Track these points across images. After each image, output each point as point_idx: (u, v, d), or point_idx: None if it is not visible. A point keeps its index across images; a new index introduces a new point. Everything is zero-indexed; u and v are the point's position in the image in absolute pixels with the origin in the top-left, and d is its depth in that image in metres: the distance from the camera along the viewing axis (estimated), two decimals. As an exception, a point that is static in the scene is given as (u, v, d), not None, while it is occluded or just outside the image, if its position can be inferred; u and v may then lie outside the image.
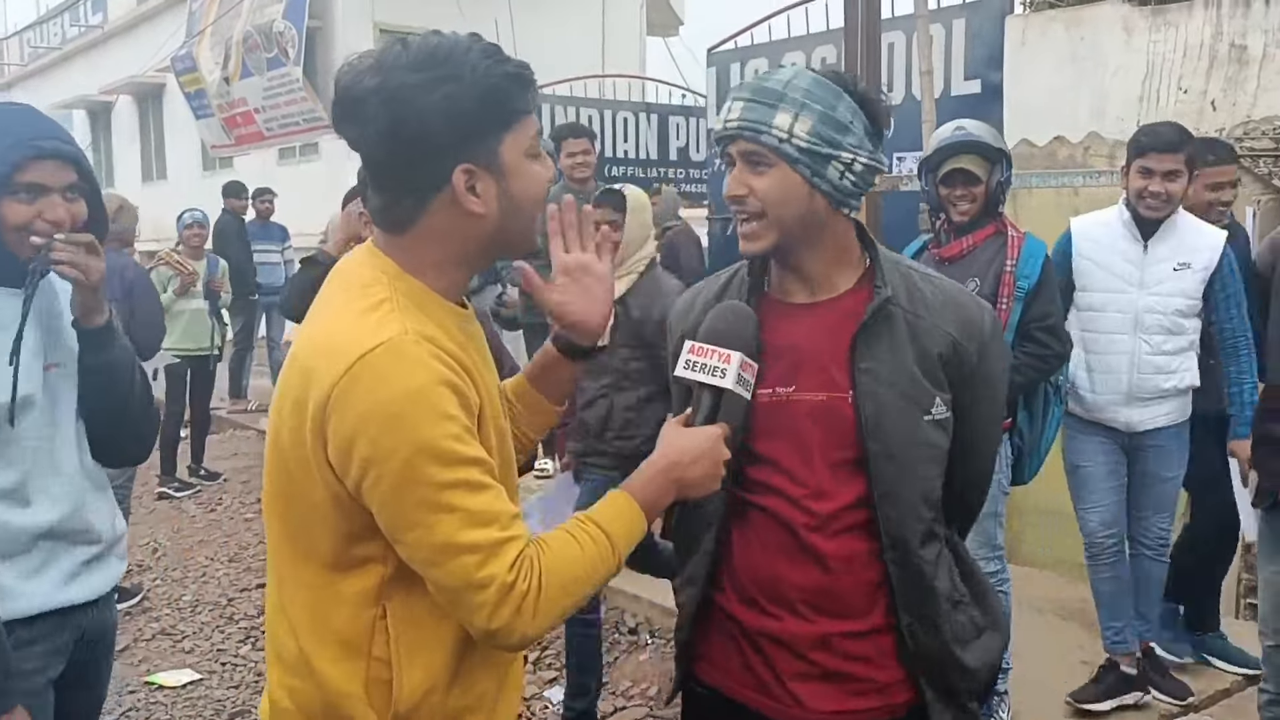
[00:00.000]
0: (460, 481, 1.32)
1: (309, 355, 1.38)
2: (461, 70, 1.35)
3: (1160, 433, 3.55)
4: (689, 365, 1.59)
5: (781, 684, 1.71)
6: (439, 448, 1.31)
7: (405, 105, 1.34)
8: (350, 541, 1.40)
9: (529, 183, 1.44)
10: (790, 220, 1.63)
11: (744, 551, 1.72)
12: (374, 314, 1.36)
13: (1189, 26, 4.75)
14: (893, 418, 1.63)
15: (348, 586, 1.41)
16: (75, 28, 21.80)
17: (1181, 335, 3.49)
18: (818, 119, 1.59)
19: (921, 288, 1.70)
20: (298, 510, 1.42)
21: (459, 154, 1.37)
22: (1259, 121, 4.55)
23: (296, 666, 1.45)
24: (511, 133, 1.40)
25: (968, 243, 3.33)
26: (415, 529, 1.33)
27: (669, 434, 1.57)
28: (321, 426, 1.34)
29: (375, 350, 1.31)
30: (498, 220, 1.42)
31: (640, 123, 9.41)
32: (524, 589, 1.34)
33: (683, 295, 1.90)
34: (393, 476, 1.31)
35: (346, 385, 1.31)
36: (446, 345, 1.37)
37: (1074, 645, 4.06)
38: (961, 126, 3.37)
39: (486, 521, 1.33)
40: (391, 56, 1.37)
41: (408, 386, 1.30)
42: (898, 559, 1.65)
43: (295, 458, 1.38)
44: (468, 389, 1.37)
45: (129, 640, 5.05)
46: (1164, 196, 3.39)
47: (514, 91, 1.40)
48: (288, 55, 13.07)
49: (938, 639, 1.68)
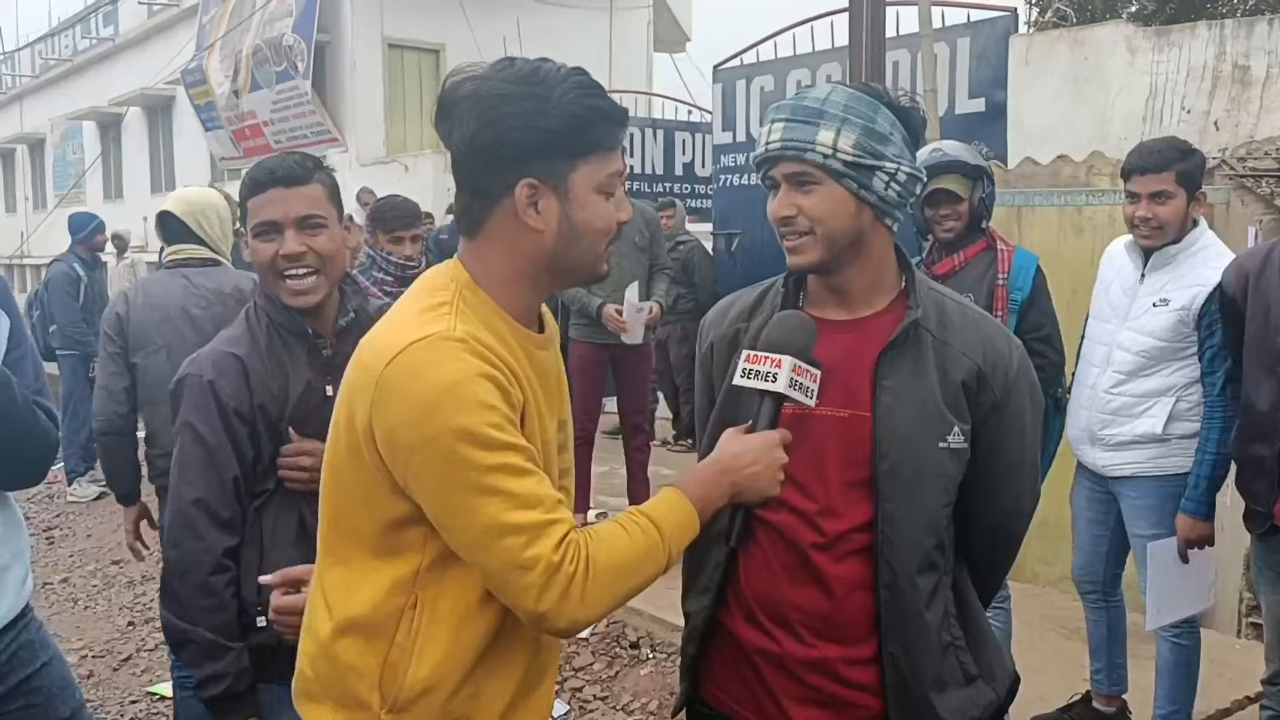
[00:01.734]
0: (502, 465, 1.35)
1: (364, 348, 1.45)
2: (551, 92, 1.41)
3: (1130, 483, 3.26)
4: (746, 374, 1.60)
5: (778, 705, 1.70)
6: (479, 434, 1.34)
7: (489, 111, 1.41)
8: (392, 529, 1.44)
9: (595, 215, 1.47)
10: (838, 234, 1.63)
11: (750, 568, 1.72)
12: (429, 313, 1.42)
13: (1192, 47, 4.78)
14: (907, 440, 1.62)
15: (385, 572, 1.46)
16: (86, 40, 21.94)
17: (1147, 378, 3.18)
18: (860, 132, 1.60)
19: (952, 315, 1.69)
20: (347, 495, 1.47)
21: (527, 167, 1.42)
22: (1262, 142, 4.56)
23: (322, 638, 1.51)
24: (587, 163, 1.45)
25: (959, 259, 3.36)
26: (460, 513, 1.36)
27: (726, 438, 1.59)
28: (369, 417, 1.39)
29: (417, 343, 1.37)
30: (555, 241, 1.46)
31: (647, 138, 9.46)
32: (571, 571, 1.36)
33: (718, 304, 1.90)
34: (436, 463, 1.35)
35: (389, 376, 1.36)
36: (495, 349, 1.41)
37: (1075, 664, 4.05)
38: (938, 148, 3.39)
39: (531, 504, 1.36)
40: (495, 69, 1.45)
41: (446, 378, 1.34)
42: (890, 583, 1.63)
43: (348, 445, 1.44)
44: (511, 387, 1.40)
45: (132, 650, 5.06)
46: (1153, 222, 3.10)
47: (598, 125, 1.45)
48: (297, 69, 13.17)
49: (916, 675, 1.65)
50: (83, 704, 2.23)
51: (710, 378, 1.81)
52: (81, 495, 7.94)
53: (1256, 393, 2.80)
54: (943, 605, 1.68)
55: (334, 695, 1.51)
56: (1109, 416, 3.25)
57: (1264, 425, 2.77)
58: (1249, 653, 3.88)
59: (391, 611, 1.45)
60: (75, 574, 6.34)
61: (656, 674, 4.29)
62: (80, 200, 19.76)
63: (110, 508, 7.72)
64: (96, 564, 6.48)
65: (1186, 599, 3.23)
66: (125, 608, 5.68)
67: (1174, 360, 3.15)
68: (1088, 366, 3.36)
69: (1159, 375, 3.18)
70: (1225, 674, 4.01)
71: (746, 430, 1.59)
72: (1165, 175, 3.08)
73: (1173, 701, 3.31)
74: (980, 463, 1.68)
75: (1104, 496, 3.38)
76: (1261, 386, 2.78)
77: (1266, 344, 2.77)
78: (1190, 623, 3.31)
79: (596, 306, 5.35)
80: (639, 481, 5.55)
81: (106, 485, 6.22)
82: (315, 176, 2.04)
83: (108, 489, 7.98)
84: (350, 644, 1.48)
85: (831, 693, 1.67)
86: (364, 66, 14.02)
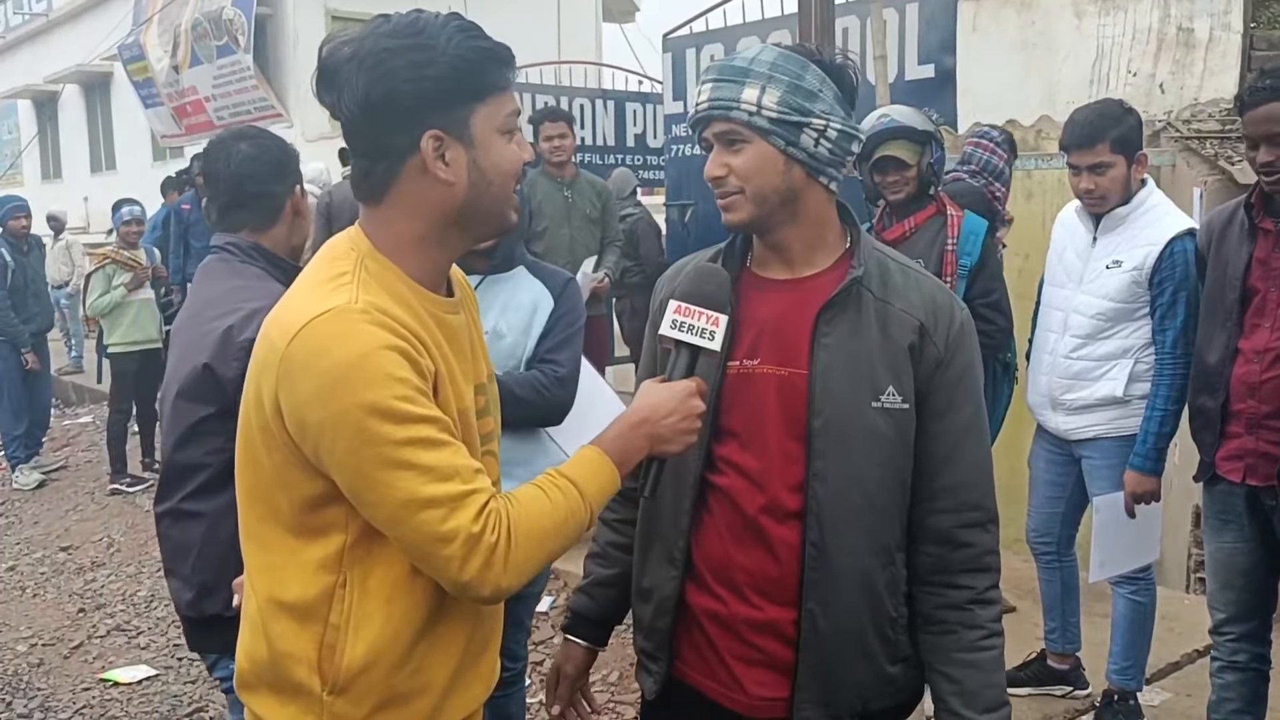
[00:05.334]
0: (415, 439, 1.33)
1: (268, 324, 1.40)
2: (436, 40, 1.38)
3: (1092, 444, 3.27)
4: (676, 325, 1.59)
5: (727, 669, 1.70)
6: (388, 408, 1.31)
7: (376, 68, 1.36)
8: (311, 507, 1.41)
9: (500, 157, 1.44)
10: (768, 191, 1.62)
11: (699, 533, 1.71)
12: (328, 285, 1.38)
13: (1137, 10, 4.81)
14: (839, 396, 1.61)
15: (310, 553, 1.42)
16: (19, 16, 21.33)
17: (1105, 340, 3.19)
18: (785, 89, 1.59)
19: (894, 275, 1.68)
20: (263, 476, 1.44)
21: (428, 119, 1.38)
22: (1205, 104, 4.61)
23: (254, 627, 1.48)
24: (485, 105, 1.41)
25: (910, 224, 3.38)
26: (375, 489, 1.34)
27: (644, 390, 1.58)
28: (275, 395, 1.36)
29: (318, 319, 1.33)
30: (466, 191, 1.43)
31: (597, 109, 9.36)
32: (492, 541, 1.35)
33: (673, 265, 1.87)
34: (346, 440, 1.32)
35: (291, 353, 1.33)
36: (401, 318, 1.37)
37: (1029, 623, 4.11)
38: (886, 114, 3.41)
39: (447, 476, 1.34)
40: (371, 27, 1.40)
41: (350, 352, 1.31)
42: (817, 541, 1.61)
43: (258, 424, 1.41)
44: (420, 356, 1.37)
45: (83, 637, 4.98)
46: (1096, 193, 3.11)
47: (488, 66, 1.41)
48: (238, 43, 12.88)
49: (833, 636, 1.63)
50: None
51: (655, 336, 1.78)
52: (24, 483, 7.77)
53: (1208, 346, 2.86)
54: (888, 577, 1.66)
55: (269, 682, 1.48)
56: (1069, 381, 3.27)
57: (1212, 378, 2.83)
58: (1198, 607, 3.96)
59: (322, 592, 1.42)
60: (22, 561, 6.21)
61: (617, 645, 4.28)
62: (17, 182, 19.26)
63: (57, 495, 7.58)
64: (44, 551, 6.35)
65: (1131, 553, 3.27)
66: (75, 594, 5.58)
67: (1130, 321, 3.17)
68: (1045, 333, 3.37)
69: (1117, 338, 3.19)
70: (1175, 628, 4.09)
71: (663, 380, 1.58)
72: (1100, 147, 3.07)
73: (1127, 657, 3.37)
74: (935, 424, 1.65)
75: (1064, 459, 3.41)
76: (1213, 341, 2.84)
77: (1221, 299, 2.82)
78: (1147, 579, 3.35)
79: None
80: None
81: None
82: None
83: (49, 477, 7.86)
84: (284, 629, 1.44)
85: (773, 653, 1.67)
86: (307, 39, 13.75)
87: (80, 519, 6.92)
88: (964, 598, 1.68)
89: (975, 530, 1.69)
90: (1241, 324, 2.78)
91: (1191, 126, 4.56)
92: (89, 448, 8.75)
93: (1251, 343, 2.76)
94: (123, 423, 7.42)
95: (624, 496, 1.81)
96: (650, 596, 1.77)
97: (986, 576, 1.70)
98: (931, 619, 1.69)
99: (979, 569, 1.69)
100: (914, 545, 1.70)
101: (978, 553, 1.69)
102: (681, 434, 1.54)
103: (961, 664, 1.67)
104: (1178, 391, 3.05)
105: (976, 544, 1.69)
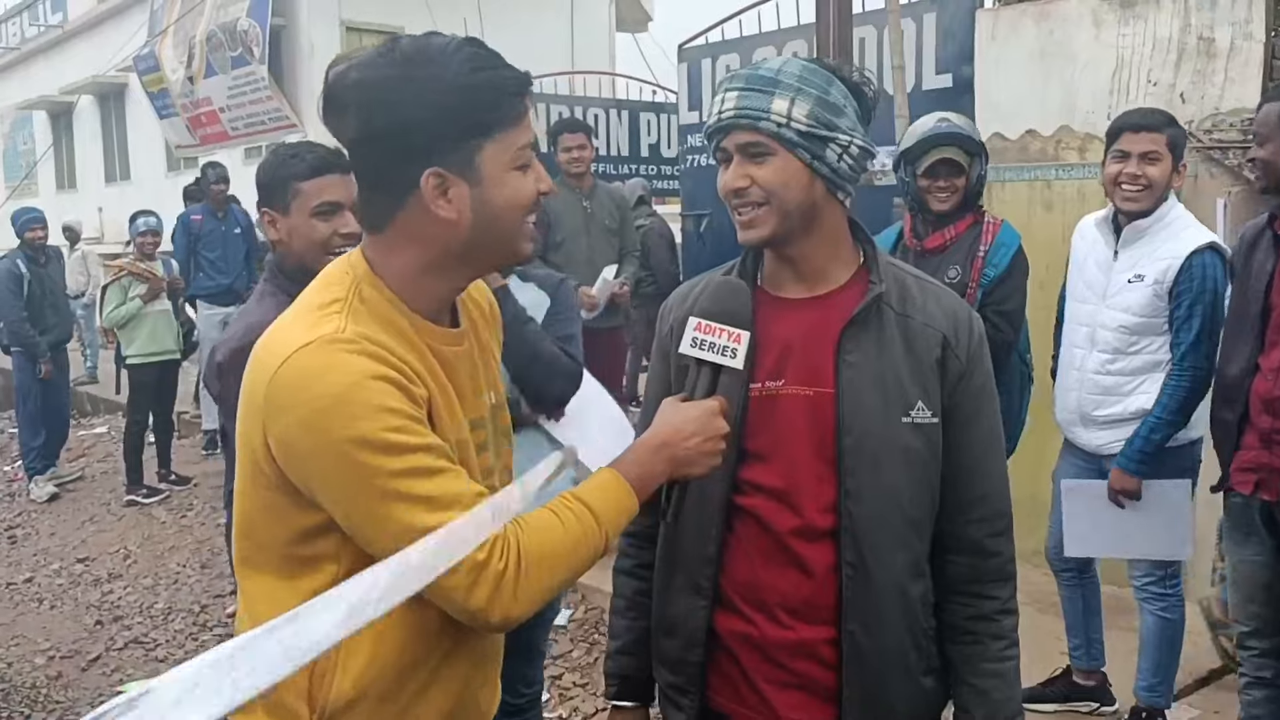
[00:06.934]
0: (410, 469, 1.29)
1: (259, 349, 1.36)
2: (443, 71, 1.32)
3: None
4: (696, 344, 1.56)
5: (756, 692, 1.67)
6: (378, 440, 1.27)
7: (379, 99, 1.32)
8: (305, 538, 1.38)
9: (512, 193, 1.39)
10: (792, 206, 1.59)
11: (727, 555, 1.68)
12: (318, 312, 1.35)
13: (1157, 19, 4.77)
14: (870, 415, 1.59)
15: (303, 583, 1.39)
16: (35, 27, 21.47)
17: (1134, 355, 3.16)
18: (815, 103, 1.57)
19: (912, 289, 1.67)
20: (255, 507, 1.41)
21: (431, 156, 1.33)
22: (1227, 114, 4.57)
23: None
24: (492, 142, 1.35)
25: (949, 234, 3.32)
26: (371, 522, 1.30)
27: (664, 410, 1.54)
28: (263, 427, 1.32)
29: (301, 350, 1.29)
30: (469, 229, 1.37)
31: (611, 119, 9.38)
32: (500, 567, 1.31)
33: (680, 286, 1.84)
34: (337, 473, 1.28)
35: (277, 384, 1.29)
36: (392, 346, 1.33)
37: (1052, 637, 4.07)
38: (945, 119, 3.32)
39: (447, 505, 1.30)
40: (380, 52, 1.35)
41: (336, 384, 1.27)
42: (854, 560, 1.59)
43: (248, 457, 1.37)
44: (414, 385, 1.33)
45: (100, 649, 4.97)
46: (1143, 180, 3.03)
47: (498, 100, 1.35)
48: (252, 54, 12.94)
49: (878, 655, 1.61)
50: None
51: (668, 358, 1.75)
52: (38, 495, 7.78)
53: (1230, 359, 2.84)
54: (921, 589, 1.65)
55: (264, 705, 1.44)
56: (1099, 397, 3.24)
57: (1233, 390, 2.81)
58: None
59: None
60: (40, 573, 6.22)
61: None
62: (32, 192, 19.36)
63: (73, 506, 7.59)
64: (61, 562, 6.36)
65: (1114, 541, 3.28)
66: (92, 606, 5.58)
67: (1156, 336, 3.15)
68: (1071, 348, 3.34)
69: (1145, 353, 3.17)
70: (1200, 644, 4.05)
71: (684, 399, 1.55)
72: (1158, 136, 3.06)
73: (1155, 674, 3.33)
74: (962, 435, 1.65)
75: (1092, 473, 3.37)
76: (1236, 354, 2.81)
77: (1245, 312, 2.79)
78: (1176, 595, 3.32)
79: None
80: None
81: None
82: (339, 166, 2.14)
83: (64, 488, 7.87)
84: None
85: (810, 676, 1.64)
86: (321, 50, 13.78)
87: (97, 530, 6.94)
88: (993, 608, 1.69)
89: (1001, 539, 1.70)
90: (1262, 339, 2.75)
91: (1213, 136, 4.53)
92: (104, 458, 8.77)
93: (1269, 360, 2.73)
94: (139, 434, 7.44)
95: (643, 538, 1.79)
96: (676, 630, 1.73)
97: (1009, 586, 1.71)
98: (961, 630, 1.69)
99: (1004, 578, 1.70)
100: (944, 555, 1.68)
101: (1003, 561, 1.70)
102: (705, 456, 1.51)
103: (988, 674, 1.68)
104: (1179, 404, 3.04)
105: (1003, 552, 1.70)
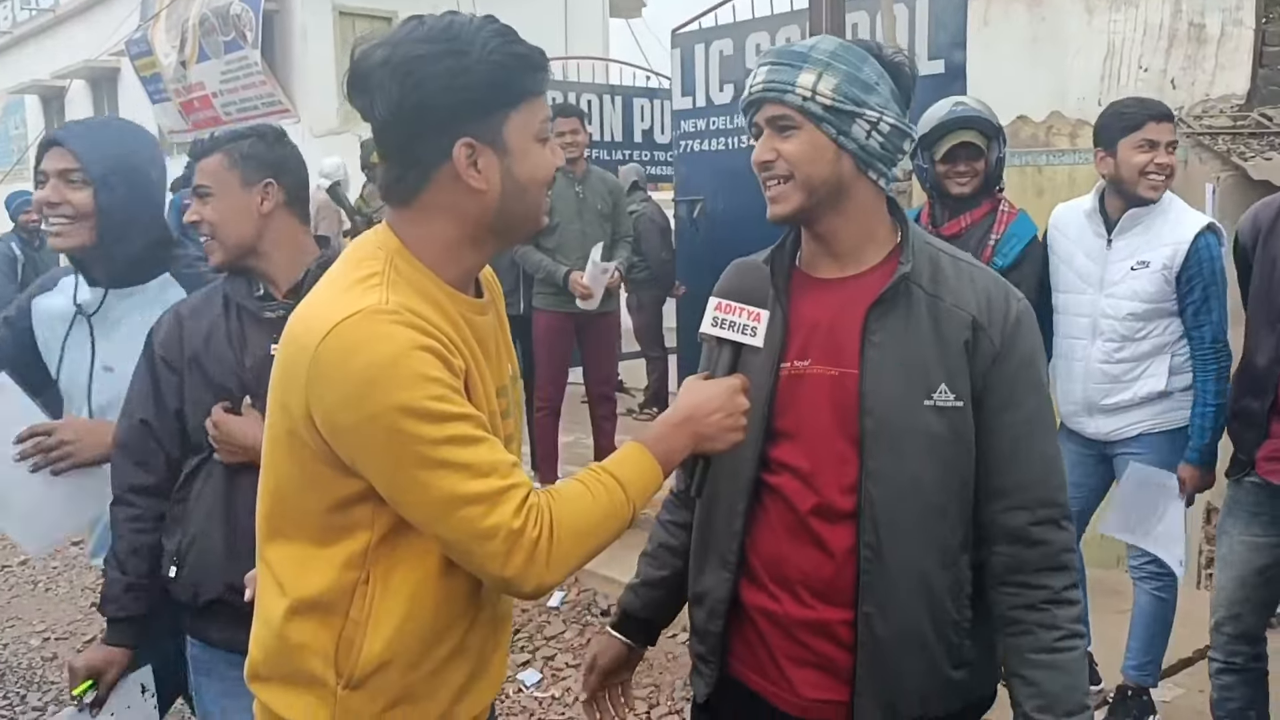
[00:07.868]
0: (452, 437, 1.33)
1: (295, 324, 1.39)
2: (470, 46, 1.37)
3: (1136, 441, 3.27)
4: (717, 323, 1.57)
5: (777, 666, 1.69)
6: (423, 408, 1.31)
7: (410, 75, 1.36)
8: (341, 506, 1.41)
9: (534, 165, 1.45)
10: (817, 181, 1.60)
11: (754, 531, 1.70)
12: (359, 286, 1.37)
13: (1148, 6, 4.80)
14: (890, 396, 1.59)
15: (335, 550, 1.43)
16: (26, 11, 21.36)
17: (1142, 340, 3.20)
18: (843, 78, 1.58)
19: (946, 269, 1.65)
20: (288, 476, 1.44)
21: (461, 127, 1.38)
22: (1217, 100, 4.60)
23: (274, 619, 1.48)
24: (518, 113, 1.41)
25: (966, 220, 3.30)
26: (414, 489, 1.34)
27: (687, 387, 1.57)
28: (305, 399, 1.35)
29: (348, 320, 1.32)
30: (499, 199, 1.43)
31: (605, 105, 9.36)
32: (534, 535, 1.35)
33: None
34: (382, 442, 1.32)
35: (322, 356, 1.32)
36: (432, 318, 1.37)
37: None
38: (961, 102, 3.30)
39: (485, 472, 1.34)
40: (405, 31, 1.39)
41: (382, 354, 1.31)
42: (871, 542, 1.59)
43: (285, 427, 1.41)
44: (453, 356, 1.37)
45: (96, 632, 4.98)
46: (1169, 169, 3.07)
47: (523, 72, 1.41)
48: (245, 38, 12.90)
49: (894, 639, 1.60)
50: None
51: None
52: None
53: (1257, 348, 2.81)
54: (949, 580, 1.63)
55: (283, 674, 1.48)
56: (1108, 385, 3.25)
57: (1261, 380, 2.80)
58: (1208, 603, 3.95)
59: (344, 588, 1.43)
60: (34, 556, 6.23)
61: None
62: (24, 177, 19.26)
63: (68, 489, 7.58)
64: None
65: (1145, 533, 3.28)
66: (88, 589, 5.59)
67: (1164, 318, 3.18)
68: (1071, 341, 3.33)
69: (1151, 337, 3.20)
70: (1186, 624, 4.08)
71: (706, 377, 1.57)
72: (1173, 125, 3.15)
73: (1146, 653, 3.37)
74: (996, 419, 1.61)
75: (1094, 459, 3.40)
76: (1262, 342, 2.79)
77: (1270, 299, 2.77)
78: (1172, 576, 3.35)
79: (563, 274, 5.32)
80: (606, 451, 5.55)
81: None
82: (220, 148, 2.13)
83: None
84: (303, 623, 1.45)
85: (828, 655, 1.66)
86: (314, 35, 13.77)
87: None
88: (1040, 597, 1.62)
89: (1048, 527, 1.63)
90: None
91: (1203, 122, 4.56)
92: (99, 443, 8.75)
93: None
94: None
95: (678, 498, 1.85)
96: (704, 600, 1.77)
97: (1064, 575, 1.64)
98: (1008, 620, 1.65)
99: (1055, 568, 1.63)
100: (986, 545, 1.65)
101: (1053, 550, 1.63)
102: (726, 431, 1.53)
103: (1039, 665, 1.62)
104: (1222, 384, 3.08)
105: (1052, 541, 1.63)
